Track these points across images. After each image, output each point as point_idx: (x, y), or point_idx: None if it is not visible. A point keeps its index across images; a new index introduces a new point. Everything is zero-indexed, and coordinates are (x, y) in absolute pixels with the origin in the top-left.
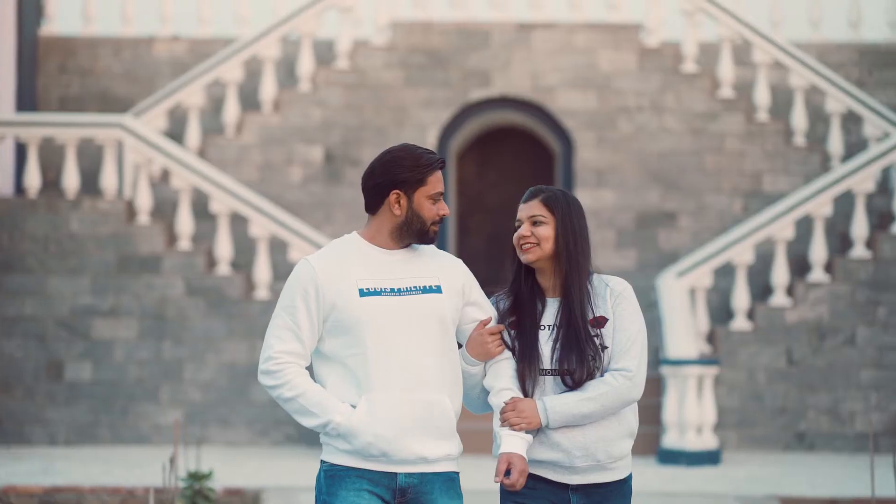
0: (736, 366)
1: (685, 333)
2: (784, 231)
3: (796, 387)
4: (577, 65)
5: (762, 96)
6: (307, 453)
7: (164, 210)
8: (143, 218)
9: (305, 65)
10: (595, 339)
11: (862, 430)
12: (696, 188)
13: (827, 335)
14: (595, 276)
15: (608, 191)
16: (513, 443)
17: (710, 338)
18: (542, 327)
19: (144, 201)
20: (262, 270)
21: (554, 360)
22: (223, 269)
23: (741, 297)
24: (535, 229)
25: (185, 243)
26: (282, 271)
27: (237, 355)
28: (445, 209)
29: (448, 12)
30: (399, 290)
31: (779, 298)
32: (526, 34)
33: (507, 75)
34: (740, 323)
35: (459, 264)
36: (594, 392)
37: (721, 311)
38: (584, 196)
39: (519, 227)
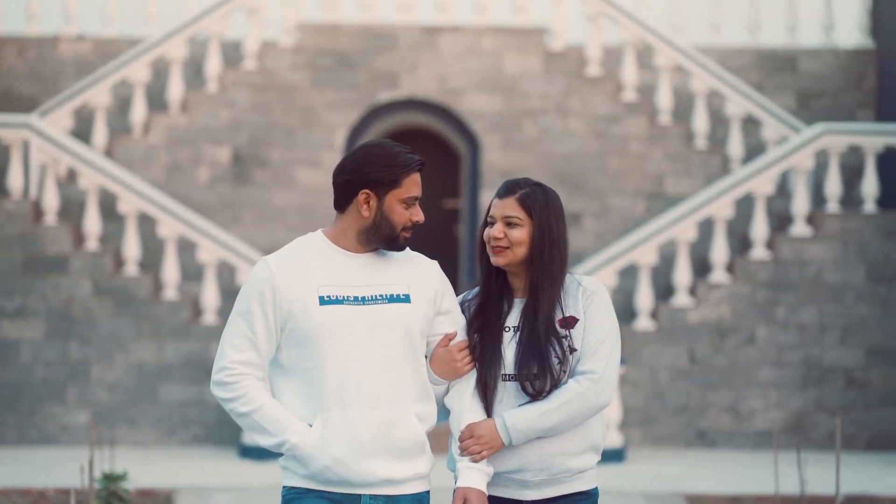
0: (639, 365)
1: None
2: (686, 233)
3: (698, 385)
4: (484, 68)
5: (664, 100)
6: (216, 453)
7: (72, 210)
8: (50, 218)
9: (213, 65)
10: (564, 339)
11: (761, 428)
12: (599, 190)
13: (728, 335)
14: (567, 276)
15: None
16: (471, 477)
17: None
18: (507, 329)
19: (51, 202)
20: (171, 271)
21: (516, 365)
22: (131, 269)
23: (644, 298)
24: (508, 231)
25: (92, 244)
26: (190, 272)
27: (145, 355)
28: (419, 215)
29: (355, 14)
30: (363, 298)
31: (681, 299)
32: (433, 37)
33: (415, 77)
34: (643, 323)
35: (433, 269)
36: (557, 401)
37: (625, 311)
38: (491, 197)
39: (492, 224)
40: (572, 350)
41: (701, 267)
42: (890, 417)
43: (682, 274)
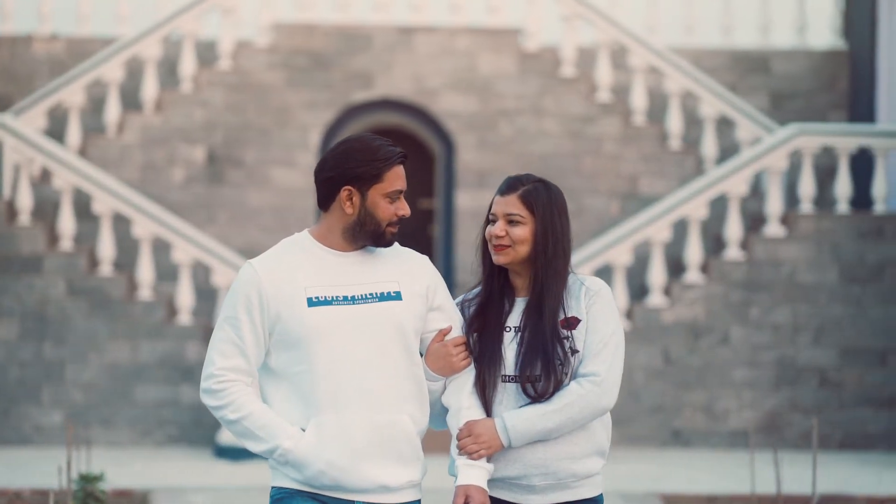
0: None
1: None
2: (661, 233)
3: (672, 385)
4: (458, 68)
5: (638, 100)
6: (191, 453)
7: (45, 210)
8: (24, 218)
9: (187, 65)
10: (565, 341)
11: (735, 428)
12: (574, 190)
13: (702, 335)
14: (570, 275)
15: (489, 192)
16: (471, 474)
17: None
18: (508, 329)
19: (25, 201)
20: (145, 271)
21: (517, 367)
22: (105, 269)
23: (619, 298)
24: (510, 229)
25: (66, 244)
26: (165, 272)
27: (119, 356)
28: (405, 209)
29: (330, 14)
30: (353, 297)
31: (655, 299)
32: (408, 37)
33: (390, 78)
34: None
35: (424, 263)
36: (559, 403)
37: None
38: (465, 197)
39: (493, 221)
40: (574, 352)
41: (675, 267)
42: (863, 417)
43: (657, 274)
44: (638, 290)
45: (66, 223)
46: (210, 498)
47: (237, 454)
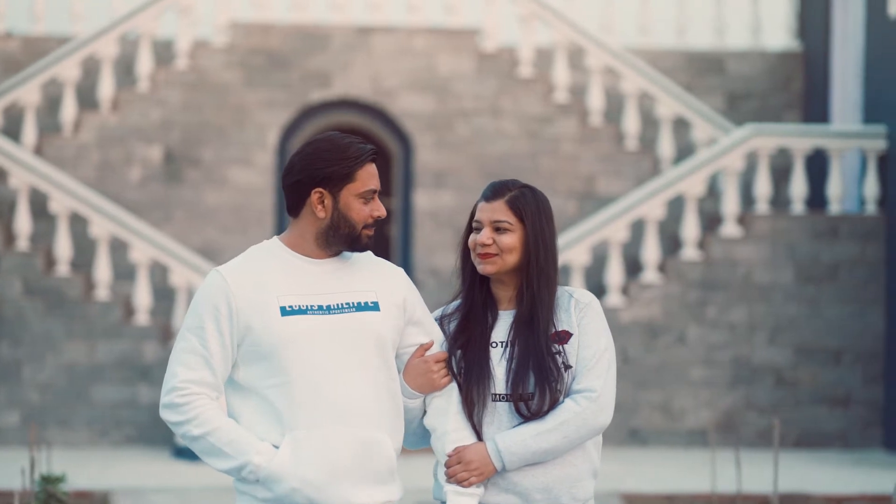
0: None
1: None
2: (618, 233)
3: (630, 384)
4: (417, 68)
5: (595, 101)
6: (149, 454)
7: (1, 210)
8: None
9: (144, 64)
10: (558, 356)
11: (692, 427)
12: None
13: (659, 334)
14: (558, 287)
15: (447, 192)
16: (460, 502)
17: None
18: (494, 344)
19: None
20: (102, 271)
21: (508, 384)
22: (62, 269)
23: None
24: (497, 237)
25: (23, 243)
26: (122, 271)
27: (76, 356)
28: (381, 210)
29: (287, 14)
30: (328, 307)
31: (613, 298)
32: (365, 37)
33: (348, 77)
34: None
35: (400, 275)
36: (554, 422)
37: None
38: (423, 197)
39: (478, 229)
40: (567, 367)
41: (632, 267)
42: (818, 415)
43: (614, 274)
44: (595, 289)
45: (23, 223)
46: (171, 498)
47: (196, 455)
